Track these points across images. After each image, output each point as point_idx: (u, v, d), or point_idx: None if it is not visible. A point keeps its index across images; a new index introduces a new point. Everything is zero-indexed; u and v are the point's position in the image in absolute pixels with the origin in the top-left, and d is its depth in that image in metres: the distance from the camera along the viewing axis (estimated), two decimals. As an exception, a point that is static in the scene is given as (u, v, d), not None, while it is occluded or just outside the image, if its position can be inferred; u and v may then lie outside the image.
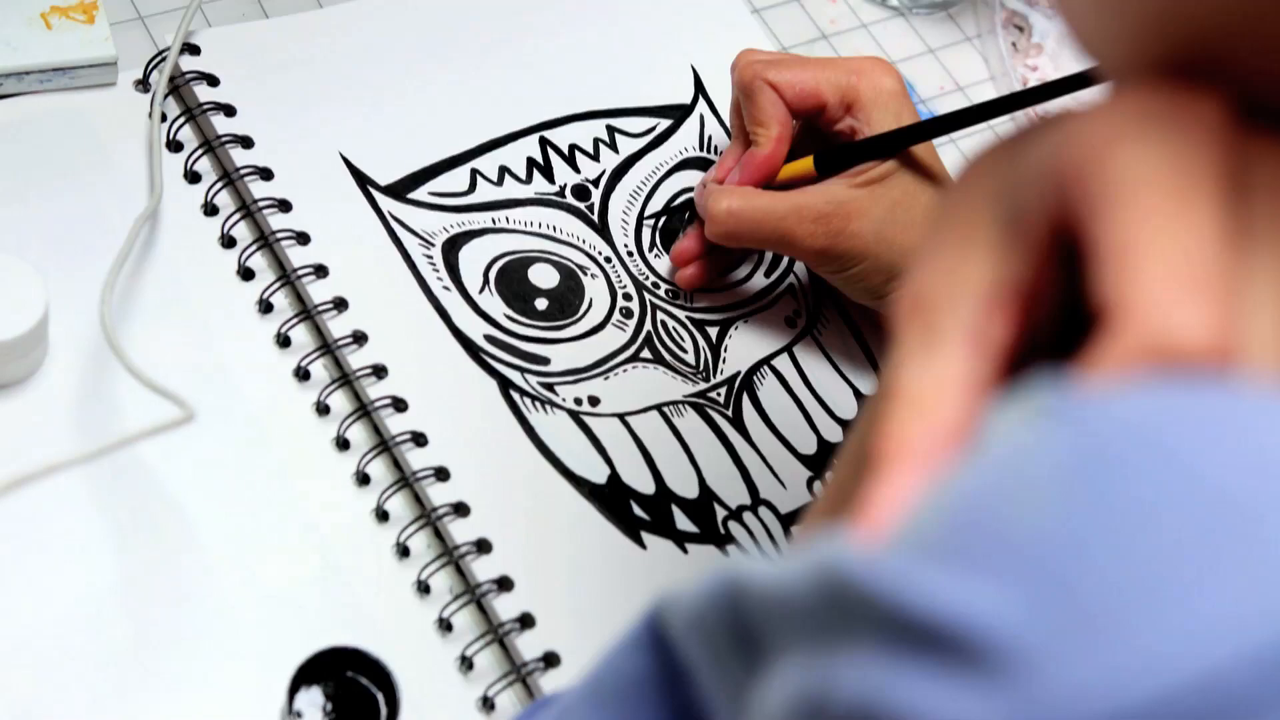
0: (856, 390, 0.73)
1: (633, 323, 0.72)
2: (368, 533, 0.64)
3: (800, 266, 0.76)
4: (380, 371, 0.67)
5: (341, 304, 0.68)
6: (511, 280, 0.71)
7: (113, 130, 0.71)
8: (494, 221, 0.73)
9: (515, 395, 0.68)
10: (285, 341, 0.68)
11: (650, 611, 0.37)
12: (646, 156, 0.77)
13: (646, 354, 0.71)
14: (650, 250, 0.74)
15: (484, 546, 0.64)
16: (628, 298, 0.73)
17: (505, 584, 0.63)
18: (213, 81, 0.72)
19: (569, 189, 0.75)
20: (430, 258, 0.71)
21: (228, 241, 0.70)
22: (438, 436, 0.65)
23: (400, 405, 0.66)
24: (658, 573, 0.66)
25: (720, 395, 0.71)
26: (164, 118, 0.71)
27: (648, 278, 0.73)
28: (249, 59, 0.74)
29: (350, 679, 0.59)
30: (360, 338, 0.67)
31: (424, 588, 0.63)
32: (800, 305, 0.75)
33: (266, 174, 0.70)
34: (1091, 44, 0.37)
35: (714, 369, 0.72)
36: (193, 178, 0.71)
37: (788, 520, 0.68)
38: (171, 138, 0.71)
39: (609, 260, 0.73)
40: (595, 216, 0.75)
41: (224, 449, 0.64)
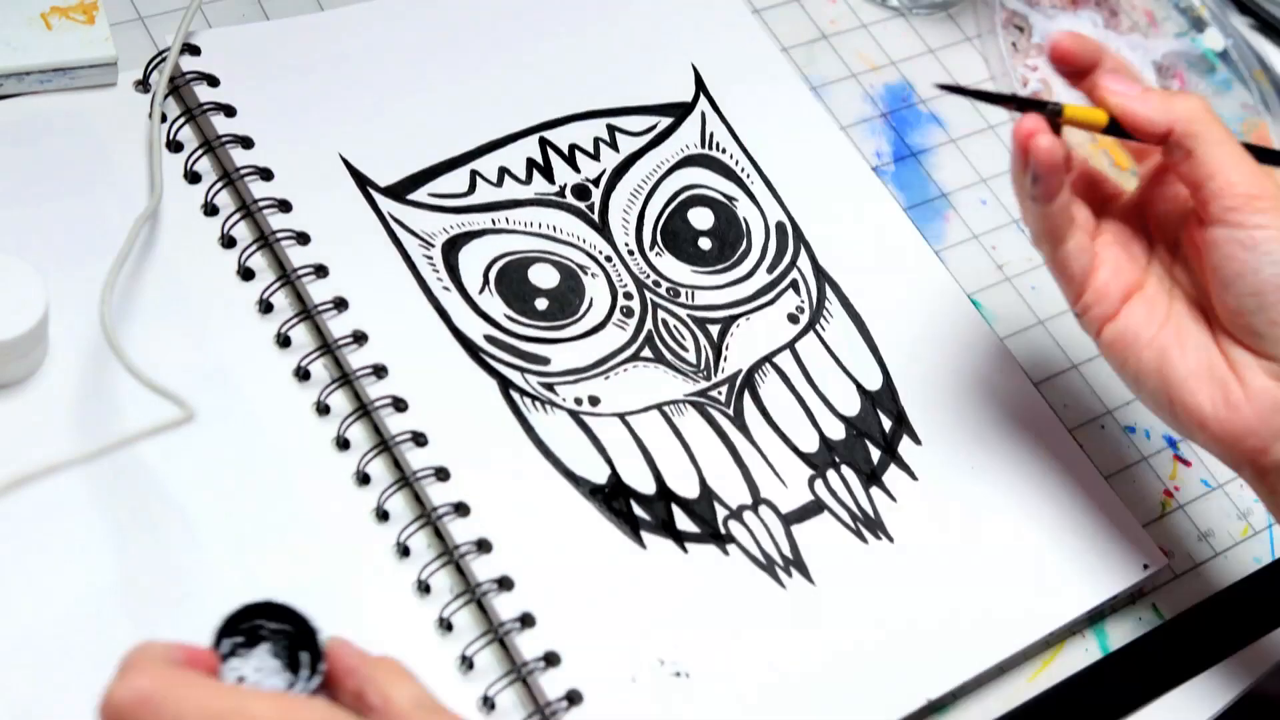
0: (860, 386, 0.73)
1: (633, 322, 0.72)
2: (368, 533, 0.64)
3: (803, 261, 0.76)
4: (380, 371, 0.66)
5: (341, 304, 0.68)
6: (511, 280, 0.71)
7: (113, 130, 0.71)
8: (494, 222, 0.73)
9: (515, 395, 0.68)
10: (285, 341, 0.68)
11: None
12: (648, 154, 0.77)
13: (647, 353, 0.71)
14: (651, 248, 0.74)
15: (484, 546, 0.64)
16: (628, 296, 0.72)
17: (505, 584, 0.63)
18: (213, 82, 0.72)
19: (569, 189, 0.75)
20: (430, 258, 0.71)
21: (228, 241, 0.70)
22: (438, 436, 0.65)
23: (400, 405, 0.66)
24: (658, 573, 0.66)
25: (721, 394, 0.71)
26: (164, 118, 0.71)
27: (649, 276, 0.73)
28: (249, 60, 0.74)
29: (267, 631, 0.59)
30: (360, 338, 0.67)
31: (424, 588, 0.63)
32: (803, 301, 0.75)
33: (266, 174, 0.70)
34: None
35: (715, 367, 0.72)
36: (193, 178, 0.71)
37: (789, 520, 0.68)
38: (171, 138, 0.71)
39: (609, 259, 0.73)
40: (595, 215, 0.74)
41: (224, 449, 0.64)
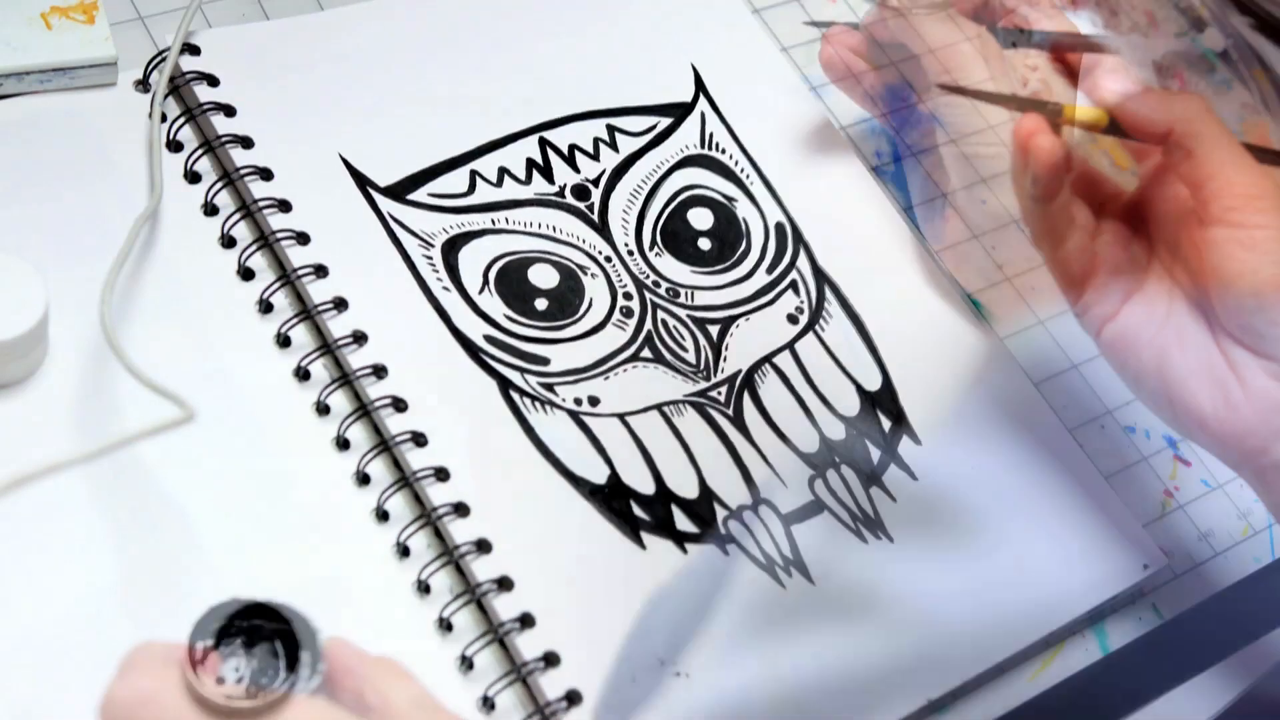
0: (860, 386, 0.73)
1: (633, 322, 0.72)
2: (368, 533, 0.64)
3: (803, 262, 0.76)
4: (380, 371, 0.66)
5: (341, 304, 0.68)
6: (511, 280, 0.71)
7: (113, 130, 0.71)
8: (493, 222, 0.73)
9: (515, 395, 0.68)
10: (285, 341, 0.68)
11: None
12: (647, 155, 0.77)
13: (647, 353, 0.71)
14: (651, 249, 0.74)
15: (484, 546, 0.64)
16: (628, 297, 0.72)
17: (505, 584, 0.63)
18: (213, 82, 0.72)
19: (569, 189, 0.75)
20: (430, 258, 0.71)
21: (228, 241, 0.70)
22: (438, 436, 0.65)
23: (400, 405, 0.66)
24: (658, 573, 0.66)
25: (721, 394, 0.71)
26: (164, 118, 0.71)
27: (648, 276, 0.73)
28: (249, 60, 0.74)
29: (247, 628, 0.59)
30: (360, 338, 0.67)
31: (424, 588, 0.63)
32: (802, 302, 0.75)
33: (266, 174, 0.70)
34: None
35: (715, 367, 0.72)
36: (193, 178, 0.71)
37: (788, 520, 0.68)
38: (171, 138, 0.71)
39: (609, 259, 0.73)
40: (595, 216, 0.74)
41: (224, 449, 0.64)
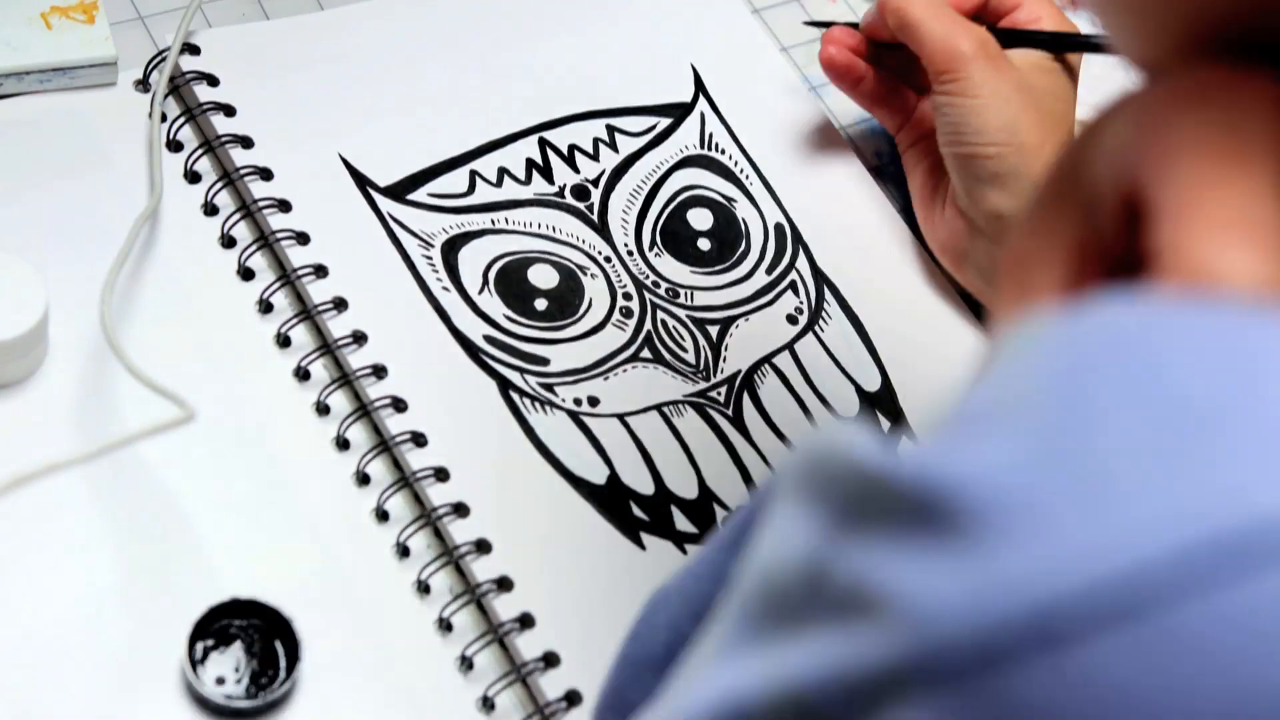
0: (859, 387, 0.73)
1: (633, 322, 0.72)
2: (368, 533, 0.64)
3: (802, 262, 0.76)
4: (380, 371, 0.66)
5: (341, 304, 0.68)
6: (511, 281, 0.71)
7: (113, 130, 0.71)
8: (493, 223, 0.73)
9: (515, 395, 0.68)
10: (285, 341, 0.68)
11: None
12: (647, 155, 0.77)
13: (646, 354, 0.71)
14: (650, 249, 0.74)
15: (484, 546, 0.64)
16: (628, 297, 0.72)
17: (505, 584, 0.63)
18: (213, 82, 0.72)
19: (568, 189, 0.75)
20: (429, 258, 0.71)
21: (228, 241, 0.70)
22: (438, 436, 0.65)
23: (400, 405, 0.66)
24: (657, 573, 0.65)
25: (720, 395, 0.71)
26: (164, 118, 0.71)
27: (648, 277, 0.73)
28: (249, 59, 0.74)
29: (240, 629, 0.60)
30: (360, 338, 0.67)
31: (424, 588, 0.63)
32: (802, 302, 0.75)
33: (266, 174, 0.71)
34: (1133, 44, 0.39)
35: (714, 368, 0.72)
36: (193, 178, 0.71)
37: (788, 520, 0.68)
38: (171, 138, 0.71)
39: (609, 260, 0.73)
40: (595, 216, 0.74)
41: (224, 449, 0.64)
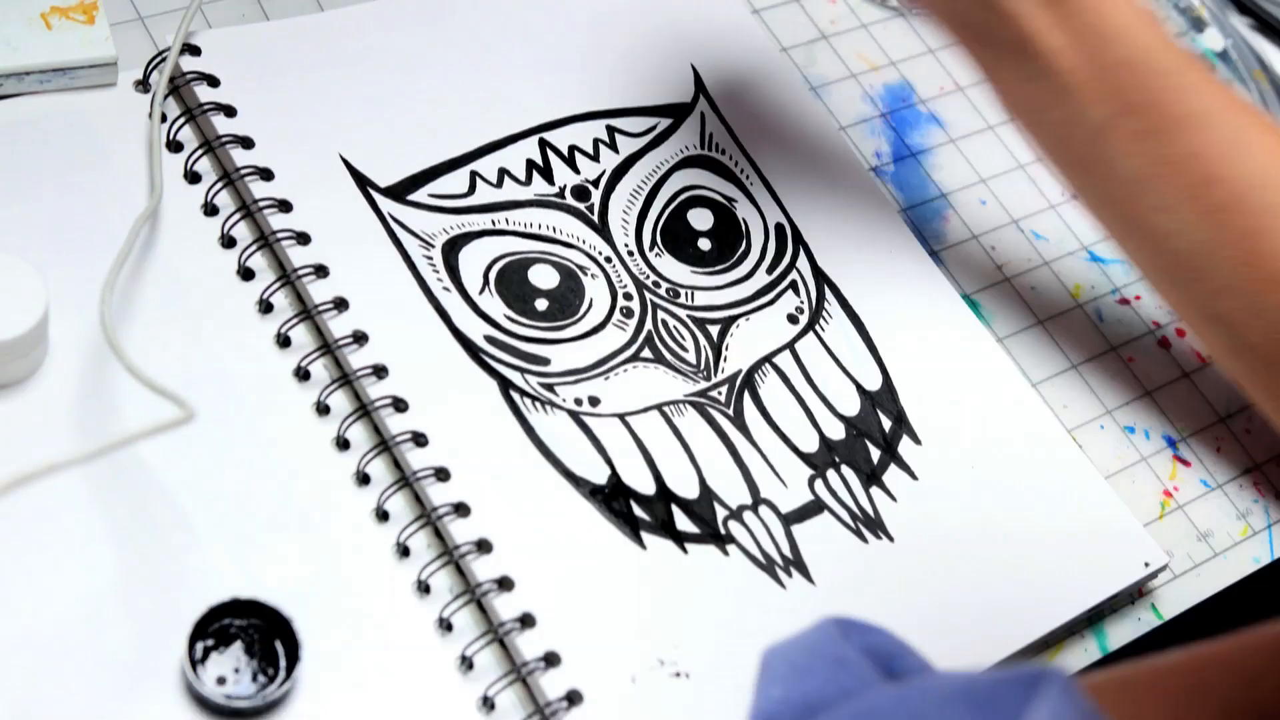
0: (860, 386, 0.73)
1: (633, 322, 0.72)
2: (368, 533, 0.64)
3: (802, 262, 0.76)
4: (380, 371, 0.66)
5: (341, 304, 0.68)
6: (511, 281, 0.71)
7: (113, 130, 0.71)
8: (494, 223, 0.73)
9: (515, 395, 0.68)
10: (285, 341, 0.68)
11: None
12: (647, 155, 0.77)
13: (647, 353, 0.71)
14: (651, 249, 0.74)
15: (484, 546, 0.64)
16: (628, 297, 0.72)
17: (505, 584, 0.63)
18: (213, 82, 0.72)
19: (569, 190, 0.75)
20: (430, 258, 0.71)
21: (228, 241, 0.70)
22: (438, 436, 0.65)
23: (400, 405, 0.66)
24: (658, 573, 0.66)
25: (721, 394, 0.71)
26: (164, 118, 0.71)
27: (648, 277, 0.73)
28: (249, 60, 0.74)
29: (240, 629, 0.60)
30: (360, 338, 0.67)
31: (424, 588, 0.63)
32: (802, 302, 0.75)
33: (266, 174, 0.70)
34: None
35: (715, 367, 0.72)
36: (193, 178, 0.71)
37: (788, 520, 0.68)
38: (171, 138, 0.71)
39: (609, 260, 0.73)
40: (595, 216, 0.74)
41: (224, 449, 0.64)
